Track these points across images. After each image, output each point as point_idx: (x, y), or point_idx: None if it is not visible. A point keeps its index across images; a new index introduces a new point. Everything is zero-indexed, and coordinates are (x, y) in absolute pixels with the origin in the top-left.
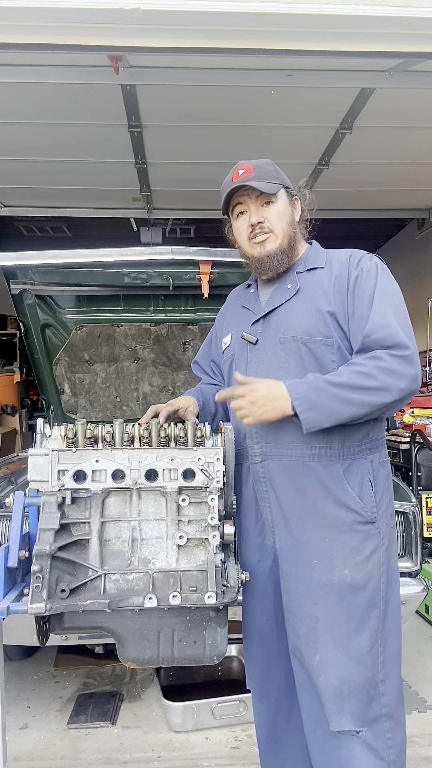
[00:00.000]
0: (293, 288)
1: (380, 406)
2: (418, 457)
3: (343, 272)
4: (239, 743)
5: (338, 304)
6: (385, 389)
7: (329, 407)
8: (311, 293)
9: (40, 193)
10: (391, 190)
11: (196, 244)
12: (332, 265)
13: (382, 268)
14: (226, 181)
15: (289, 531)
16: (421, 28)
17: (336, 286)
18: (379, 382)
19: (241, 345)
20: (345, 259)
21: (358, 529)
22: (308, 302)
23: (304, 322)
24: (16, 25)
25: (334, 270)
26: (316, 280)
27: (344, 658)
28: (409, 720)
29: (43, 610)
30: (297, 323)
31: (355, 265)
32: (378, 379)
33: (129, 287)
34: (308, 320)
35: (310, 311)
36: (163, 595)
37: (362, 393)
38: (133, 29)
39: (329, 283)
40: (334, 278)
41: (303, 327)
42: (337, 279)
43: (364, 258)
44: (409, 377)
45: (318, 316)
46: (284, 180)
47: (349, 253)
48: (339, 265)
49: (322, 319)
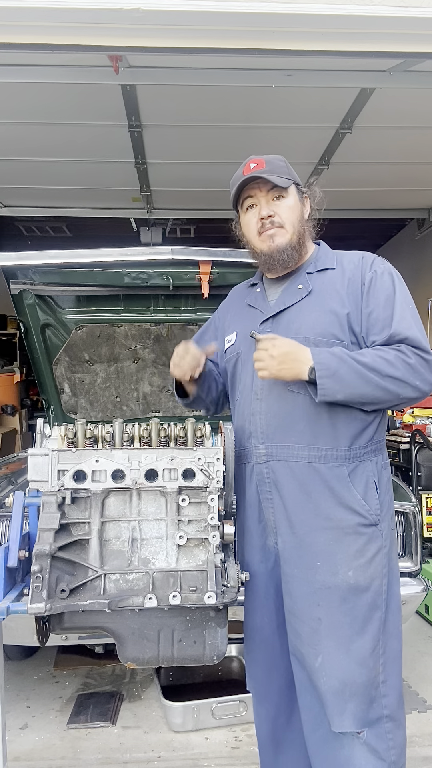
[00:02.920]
0: (305, 288)
1: (393, 396)
2: (418, 457)
3: (356, 274)
4: (239, 743)
5: (352, 306)
6: (404, 382)
7: (347, 380)
8: (324, 294)
9: (40, 193)
10: (391, 190)
11: (196, 244)
12: (344, 267)
13: (396, 273)
14: (237, 174)
15: (292, 532)
16: (421, 28)
17: (349, 287)
18: (400, 372)
19: (248, 343)
20: (357, 261)
21: (362, 531)
22: (321, 303)
23: (316, 324)
24: (16, 25)
25: (347, 272)
26: (328, 281)
27: (346, 660)
28: (409, 720)
29: (43, 610)
30: (309, 324)
31: (369, 268)
32: (399, 369)
33: (129, 287)
34: (321, 321)
35: (323, 313)
36: (163, 595)
37: (382, 378)
38: (133, 29)
39: (342, 285)
40: (347, 280)
41: (315, 328)
42: (350, 281)
43: (377, 260)
44: (425, 380)
45: (332, 317)
46: (295, 176)
47: (361, 255)
48: (351, 266)
49: (337, 321)
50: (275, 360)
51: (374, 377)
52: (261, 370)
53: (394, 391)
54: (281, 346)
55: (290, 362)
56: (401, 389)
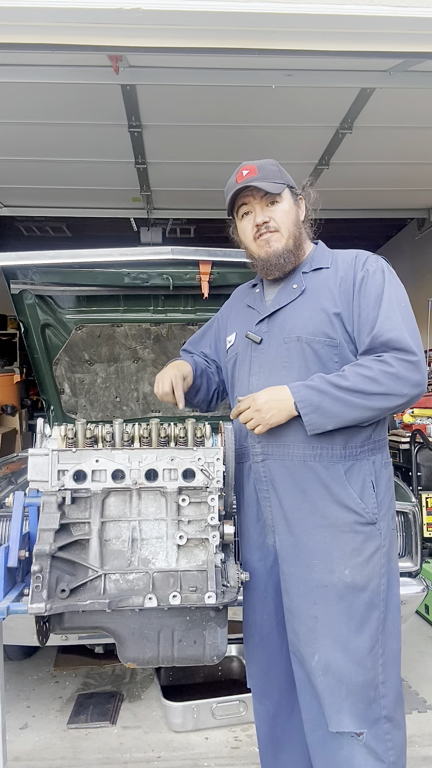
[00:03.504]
0: (299, 288)
1: (384, 410)
2: (418, 457)
3: (348, 273)
4: (239, 743)
5: (344, 305)
6: (390, 394)
7: (332, 411)
8: (316, 293)
9: (40, 193)
10: (391, 190)
11: (196, 244)
12: (338, 266)
13: (389, 270)
14: (231, 182)
15: (289, 531)
16: (421, 28)
17: (342, 286)
18: (384, 387)
19: (245, 344)
20: (351, 260)
21: (359, 530)
22: (313, 302)
23: (309, 323)
24: (16, 25)
25: (340, 270)
26: (322, 280)
27: (343, 659)
28: (409, 720)
29: (43, 610)
30: (302, 323)
31: (361, 266)
32: (383, 384)
33: (129, 287)
34: (313, 320)
35: (315, 311)
36: (163, 595)
37: (367, 398)
38: (133, 29)
39: (335, 284)
40: (339, 279)
41: (308, 327)
42: (342, 280)
43: (370, 259)
44: (414, 383)
45: (323, 316)
46: (288, 180)
47: (355, 253)
48: (345, 265)
49: (328, 320)
50: (261, 412)
51: (358, 400)
52: (255, 428)
53: (383, 407)
54: (259, 398)
55: (276, 405)
56: (390, 402)
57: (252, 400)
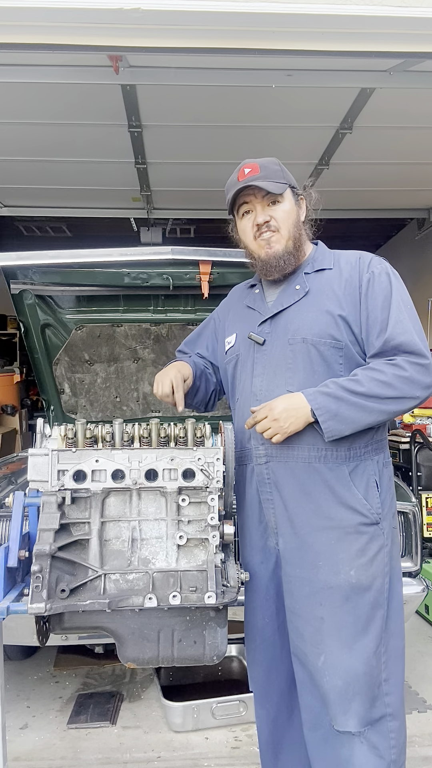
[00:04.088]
0: (302, 289)
1: (397, 413)
2: (418, 457)
3: (353, 275)
4: (239, 743)
5: (350, 307)
6: (404, 398)
7: (350, 416)
8: (321, 295)
9: (40, 193)
10: (391, 190)
11: (196, 244)
12: (341, 267)
13: (393, 272)
14: (232, 180)
15: (294, 533)
16: (421, 28)
17: (347, 288)
18: (398, 391)
19: (247, 345)
20: (354, 261)
21: (363, 530)
22: (318, 304)
23: (314, 324)
24: (16, 25)
25: (344, 272)
26: (325, 281)
27: (350, 659)
28: (409, 720)
29: (43, 610)
30: (307, 325)
31: (366, 268)
32: (397, 388)
33: (129, 287)
34: (318, 322)
35: (320, 313)
36: (163, 595)
37: (382, 402)
38: (133, 29)
39: (339, 286)
40: (344, 281)
41: (313, 329)
42: (347, 282)
43: (374, 261)
44: (425, 385)
45: (328, 318)
46: (290, 179)
47: (358, 255)
48: (348, 267)
49: (333, 322)
50: (279, 421)
51: (374, 405)
52: (274, 437)
53: (397, 409)
54: (276, 407)
55: (293, 414)
56: (403, 405)
57: (269, 409)
